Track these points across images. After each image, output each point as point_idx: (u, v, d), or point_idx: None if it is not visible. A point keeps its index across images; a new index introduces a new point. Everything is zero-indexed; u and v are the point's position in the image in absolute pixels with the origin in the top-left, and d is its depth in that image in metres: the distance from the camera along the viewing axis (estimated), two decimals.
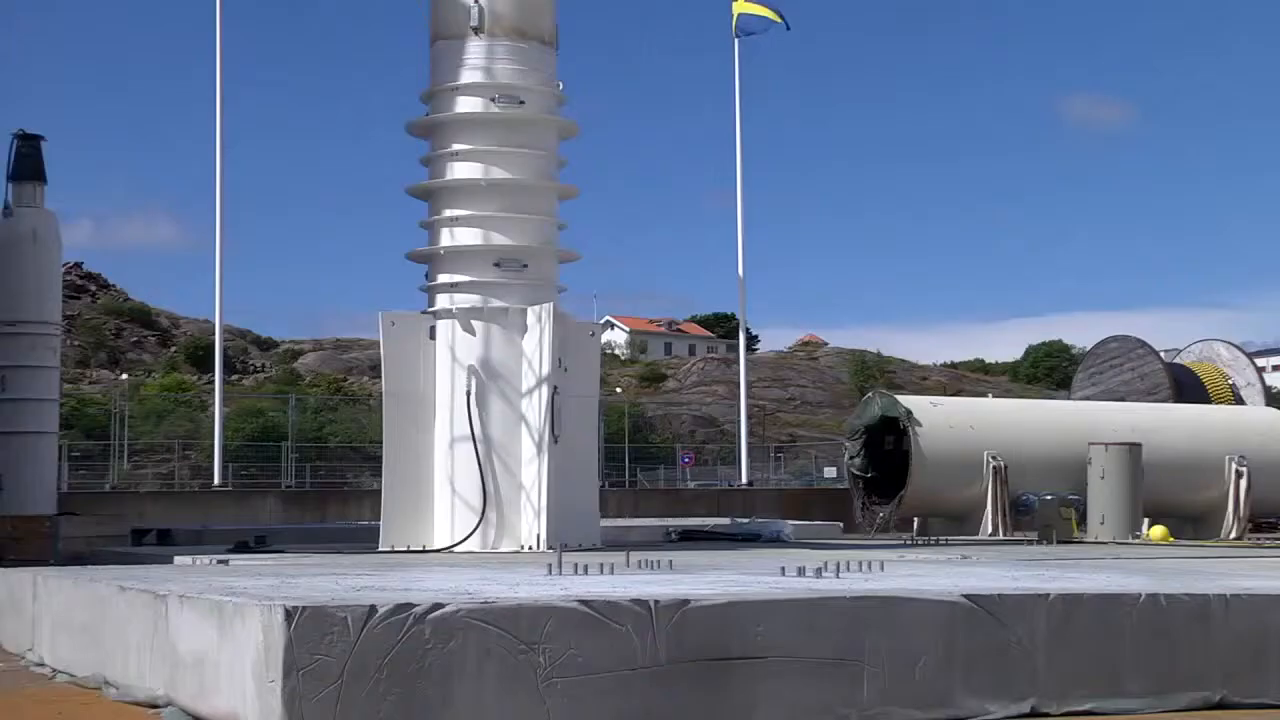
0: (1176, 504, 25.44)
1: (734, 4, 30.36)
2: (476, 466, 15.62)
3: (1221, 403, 30.79)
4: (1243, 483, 26.07)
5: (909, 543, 19.06)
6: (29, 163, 18.10)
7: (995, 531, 23.92)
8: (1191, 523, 25.93)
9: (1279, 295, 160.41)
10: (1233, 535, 25.56)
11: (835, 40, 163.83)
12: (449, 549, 15.44)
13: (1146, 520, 22.45)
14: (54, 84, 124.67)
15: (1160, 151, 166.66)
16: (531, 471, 15.60)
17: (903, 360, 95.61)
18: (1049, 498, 21.64)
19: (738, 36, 30.41)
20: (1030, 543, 19.68)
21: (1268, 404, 31.04)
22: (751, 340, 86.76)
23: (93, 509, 21.48)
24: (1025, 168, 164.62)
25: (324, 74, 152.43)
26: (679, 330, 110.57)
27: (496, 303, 15.96)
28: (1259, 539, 24.45)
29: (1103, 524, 21.65)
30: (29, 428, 17.96)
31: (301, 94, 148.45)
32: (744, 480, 31.57)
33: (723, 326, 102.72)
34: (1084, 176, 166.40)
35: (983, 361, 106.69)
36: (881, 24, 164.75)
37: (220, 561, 12.51)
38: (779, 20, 30.24)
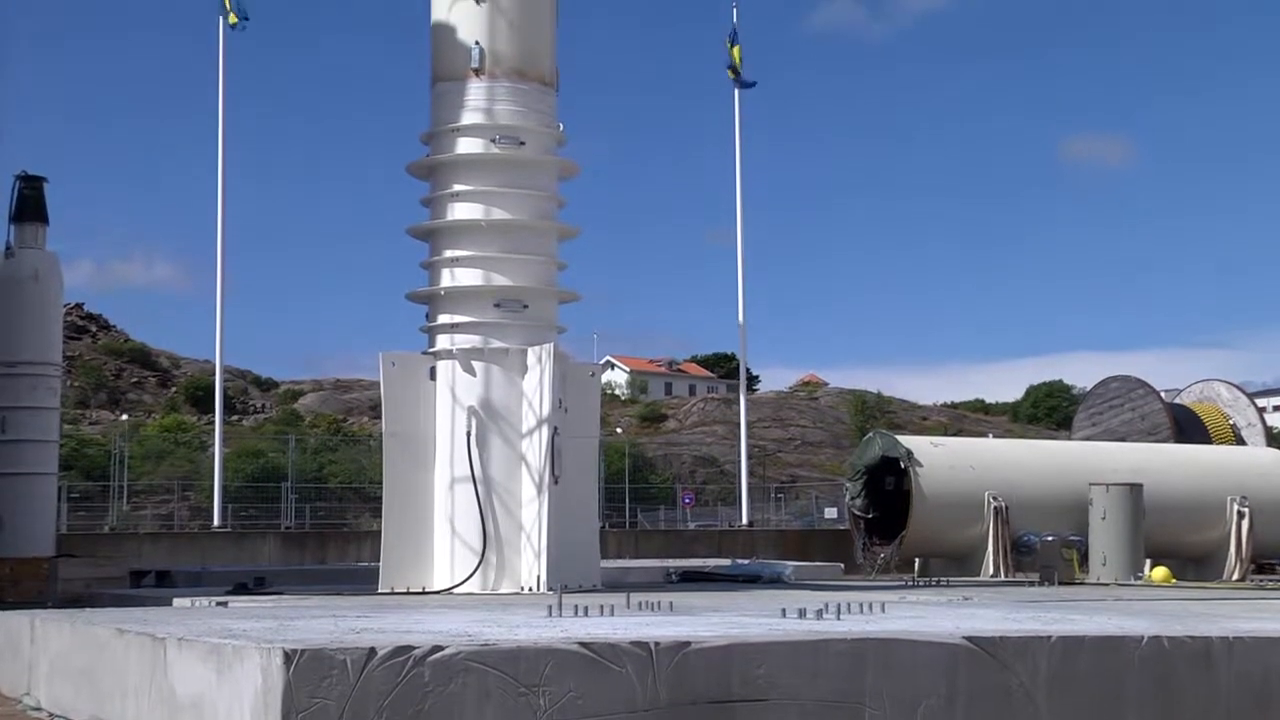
0: (1178, 545, 25.38)
1: (733, 50, 30.54)
2: (476, 507, 15.59)
3: (1222, 443, 30.75)
4: (1244, 523, 26.01)
5: (910, 584, 19.01)
6: (31, 204, 18.15)
7: (997, 572, 23.85)
8: (1194, 564, 25.86)
9: (1279, 335, 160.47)
10: (1235, 576, 25.48)
11: (835, 81, 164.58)
12: (449, 590, 15.39)
13: (1148, 561, 22.39)
14: (56, 125, 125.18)
15: (1160, 191, 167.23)
16: (531, 512, 15.57)
17: (903, 400, 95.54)
18: (1050, 538, 21.59)
19: (740, 87, 30.54)
20: (1032, 584, 19.62)
21: (1269, 444, 31.00)
22: (752, 380, 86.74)
23: (92, 550, 21.42)
24: (1025, 207, 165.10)
25: (325, 114, 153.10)
26: (679, 370, 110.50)
27: (497, 343, 15.97)
28: (1261, 580, 24.37)
29: (1104, 565, 21.59)
30: (29, 469, 17.93)
31: (302, 134, 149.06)
32: (745, 521, 31.51)
33: (723, 366, 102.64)
34: (1084, 216, 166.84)
35: (983, 402, 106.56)
36: (881, 64, 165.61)
37: (219, 603, 12.46)
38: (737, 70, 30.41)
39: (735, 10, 30.87)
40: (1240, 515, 26.04)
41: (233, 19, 26.83)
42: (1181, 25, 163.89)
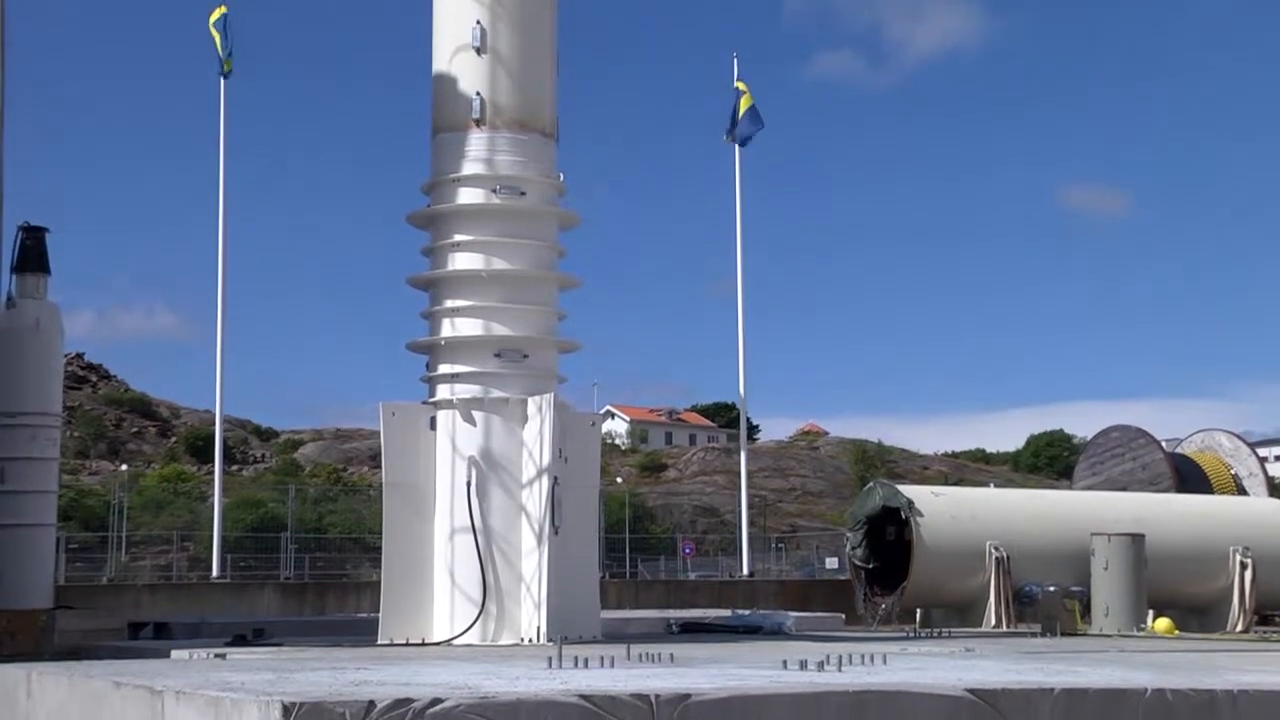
0: (1181, 596, 25.27)
1: (740, 100, 30.66)
2: (476, 558, 15.55)
3: (1224, 493, 30.68)
4: (1248, 574, 25.91)
5: (912, 635, 18.91)
6: (33, 255, 18.17)
7: (999, 623, 23.74)
8: (1196, 615, 25.73)
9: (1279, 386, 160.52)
10: (1239, 628, 25.35)
11: (834, 130, 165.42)
12: (448, 642, 15.32)
13: (1151, 612, 22.29)
14: (57, 174, 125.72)
15: (1159, 241, 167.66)
16: (531, 563, 15.52)
17: (903, 450, 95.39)
18: (1052, 589, 21.51)
19: (739, 143, 30.68)
20: (1034, 635, 19.53)
21: (1271, 494, 30.92)
22: (752, 430, 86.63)
23: (89, 602, 21.32)
24: (1025, 256, 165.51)
25: (326, 163, 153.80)
26: (679, 420, 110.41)
27: (497, 393, 15.98)
28: (1265, 632, 24.25)
29: (1107, 616, 21.49)
30: (27, 520, 17.84)
31: (303, 183, 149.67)
32: (745, 571, 31.38)
33: (723, 416, 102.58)
34: (1083, 265, 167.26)
35: (984, 451, 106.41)
36: (880, 114, 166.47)
37: (217, 655, 12.39)
38: (748, 112, 30.50)
39: (735, 60, 31.05)
40: (1243, 566, 25.94)
41: (226, 66, 26.91)
42: (1180, 77, 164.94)
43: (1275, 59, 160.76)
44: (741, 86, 30.56)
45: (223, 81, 27.20)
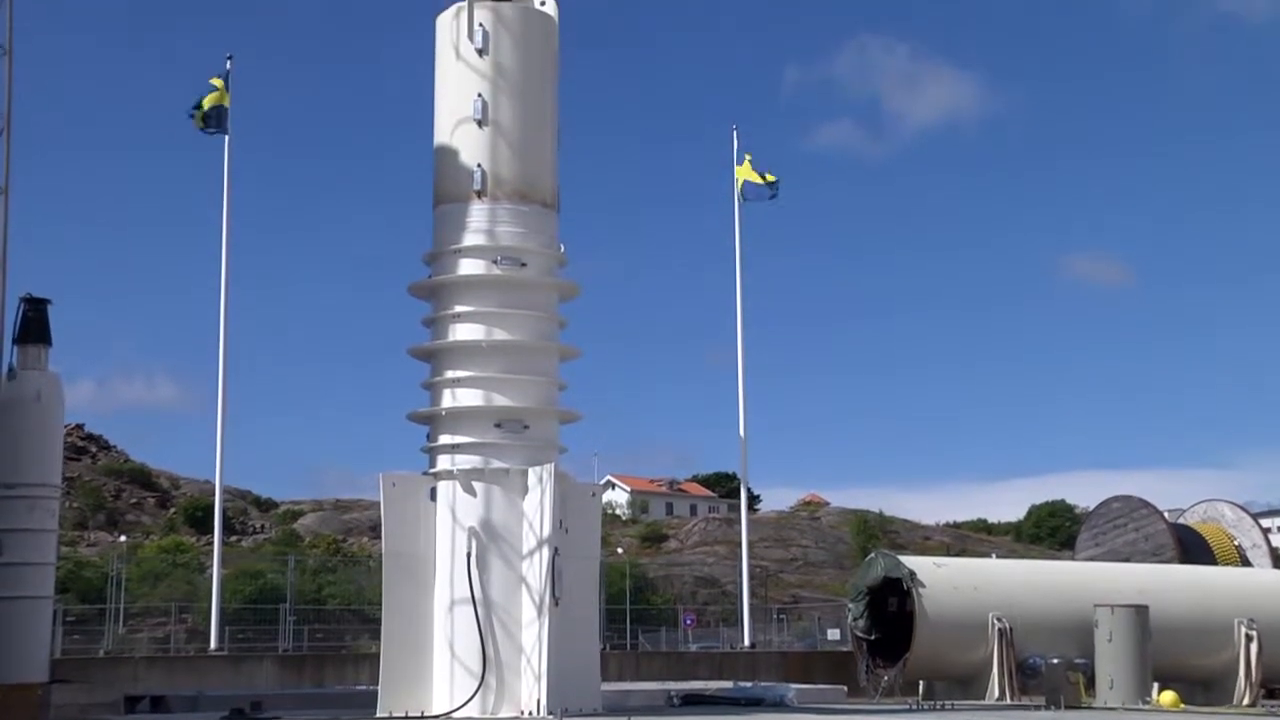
0: (1186, 668, 25.06)
1: (736, 169, 30.88)
2: (476, 629, 15.47)
3: (1227, 564, 30.54)
4: (1253, 646, 25.70)
5: (914, 707, 18.77)
6: (35, 326, 18.22)
7: (1002, 695, 23.53)
8: (1202, 687, 25.51)
9: None
10: (1245, 701, 25.12)
11: (836, 199, 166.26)
12: (448, 714, 15.22)
13: (1156, 685, 22.09)
14: (58, 243, 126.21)
15: (1159, 311, 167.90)
16: (532, 634, 15.44)
17: (905, 520, 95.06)
18: (1056, 661, 21.34)
19: (745, 199, 30.85)
20: (1038, 707, 19.37)
21: (1274, 566, 30.78)
22: (753, 500, 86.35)
23: (86, 675, 21.15)
24: (1025, 326, 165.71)
25: (327, 234, 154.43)
26: (680, 490, 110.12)
27: (497, 464, 15.96)
28: (1272, 706, 24.03)
29: (1111, 688, 21.30)
30: (25, 592, 17.74)
31: (304, 254, 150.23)
32: (747, 642, 31.19)
33: (724, 486, 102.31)
34: (1083, 335, 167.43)
35: (985, 521, 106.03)
36: (880, 182, 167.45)
37: None
38: (771, 182, 30.74)
39: (735, 132, 31.28)
40: (1249, 638, 25.74)
41: (201, 110, 26.92)
42: (1178, 145, 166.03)
43: (1273, 131, 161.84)
44: (743, 172, 30.75)
45: (226, 149, 27.29)
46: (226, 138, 27.31)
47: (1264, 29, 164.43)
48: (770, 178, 30.84)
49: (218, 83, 27.17)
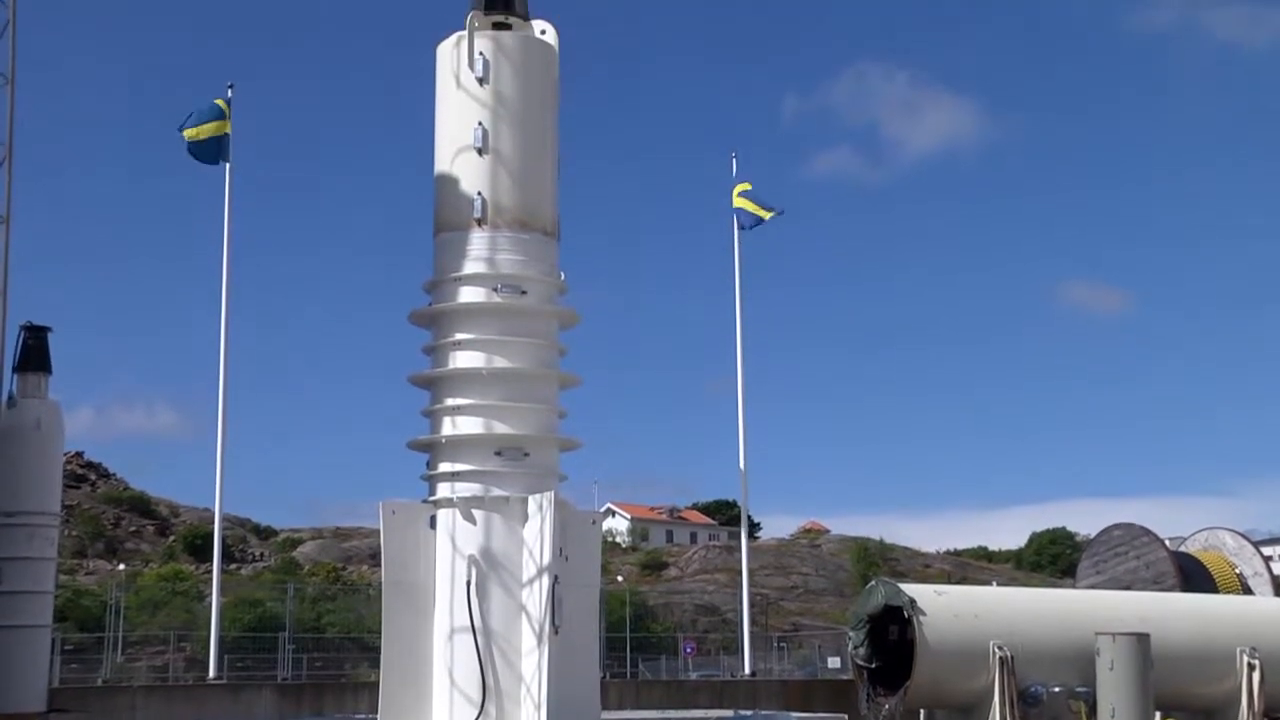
0: (1188, 696, 24.96)
1: (734, 194, 30.90)
2: (476, 658, 15.43)
3: (1229, 592, 30.44)
4: (1255, 675, 25.59)
5: None
6: (35, 354, 18.27)
7: None
8: (1204, 716, 25.41)
9: None
10: None
11: (835, 226, 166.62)
12: None
13: (1158, 714, 22.01)
14: (58, 270, 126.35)
15: (1158, 339, 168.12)
16: (531, 663, 15.39)
17: (905, 548, 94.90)
18: (1057, 690, 21.27)
19: (742, 228, 30.88)
20: None
21: (1276, 594, 30.69)
22: (753, 527, 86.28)
23: (84, 705, 21.09)
24: (1024, 353, 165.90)
25: (328, 261, 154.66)
26: (680, 518, 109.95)
27: (498, 491, 15.94)
28: None
29: (1113, 717, 21.22)
30: (23, 621, 17.74)
31: (304, 282, 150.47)
32: (747, 670, 31.08)
33: (724, 513, 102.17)
34: (1083, 362, 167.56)
35: (986, 549, 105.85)
36: (879, 208, 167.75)
37: None
38: (771, 215, 30.74)
39: (734, 160, 31.32)
40: (1251, 667, 25.63)
41: (211, 128, 26.83)
42: (1177, 172, 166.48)
43: (1273, 158, 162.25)
44: (743, 203, 30.76)
45: (227, 176, 27.31)
46: (227, 165, 27.34)
47: (1264, 57, 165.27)
48: (767, 214, 30.76)
49: (223, 105, 27.17)
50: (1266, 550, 36.63)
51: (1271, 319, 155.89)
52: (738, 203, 30.84)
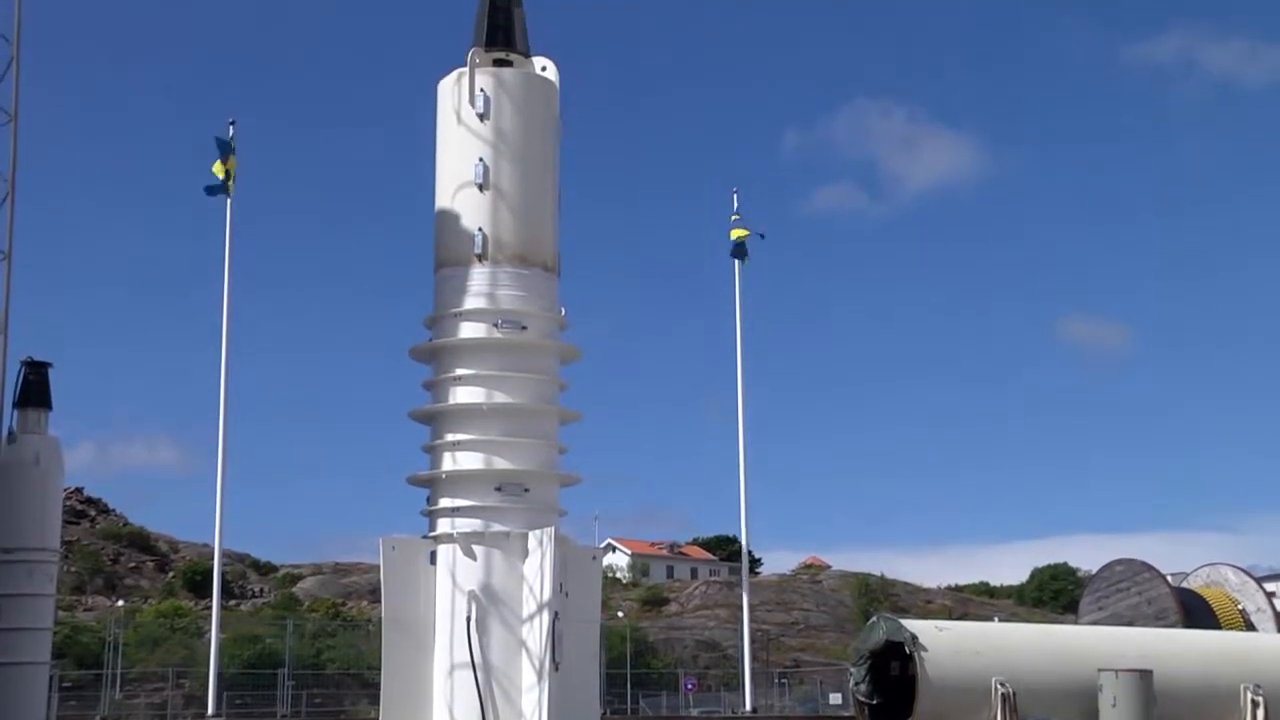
0: None
1: (732, 231, 31.00)
2: (476, 694, 15.36)
3: (1232, 629, 30.33)
4: (1259, 712, 25.47)
5: None
6: (35, 390, 18.26)
7: None
8: None
9: None
10: None
11: (835, 260, 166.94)
12: None
13: None
14: (58, 303, 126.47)
15: (1159, 375, 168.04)
16: (531, 699, 15.33)
17: (907, 583, 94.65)
18: None
19: (739, 259, 30.93)
20: None
21: (1279, 630, 30.57)
22: (754, 563, 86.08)
23: None
24: (1025, 388, 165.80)
25: (328, 296, 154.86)
26: (681, 553, 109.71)
27: (498, 527, 15.91)
28: None
29: None
30: (20, 658, 17.64)
31: (305, 316, 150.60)
32: (748, 707, 30.99)
33: (725, 549, 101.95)
34: (1084, 397, 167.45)
35: (987, 584, 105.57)
36: (879, 243, 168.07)
37: None
38: (742, 238, 30.81)
39: (735, 194, 31.41)
40: (1255, 704, 25.52)
41: (228, 185, 26.97)
42: (1176, 208, 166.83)
43: (1271, 195, 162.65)
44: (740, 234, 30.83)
45: (228, 212, 27.36)
46: (229, 200, 27.40)
47: (1259, 95, 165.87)
48: (744, 232, 30.81)
49: (230, 138, 27.27)
50: (1269, 586, 36.51)
51: (1272, 354, 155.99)
52: (735, 235, 30.93)
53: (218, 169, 27.08)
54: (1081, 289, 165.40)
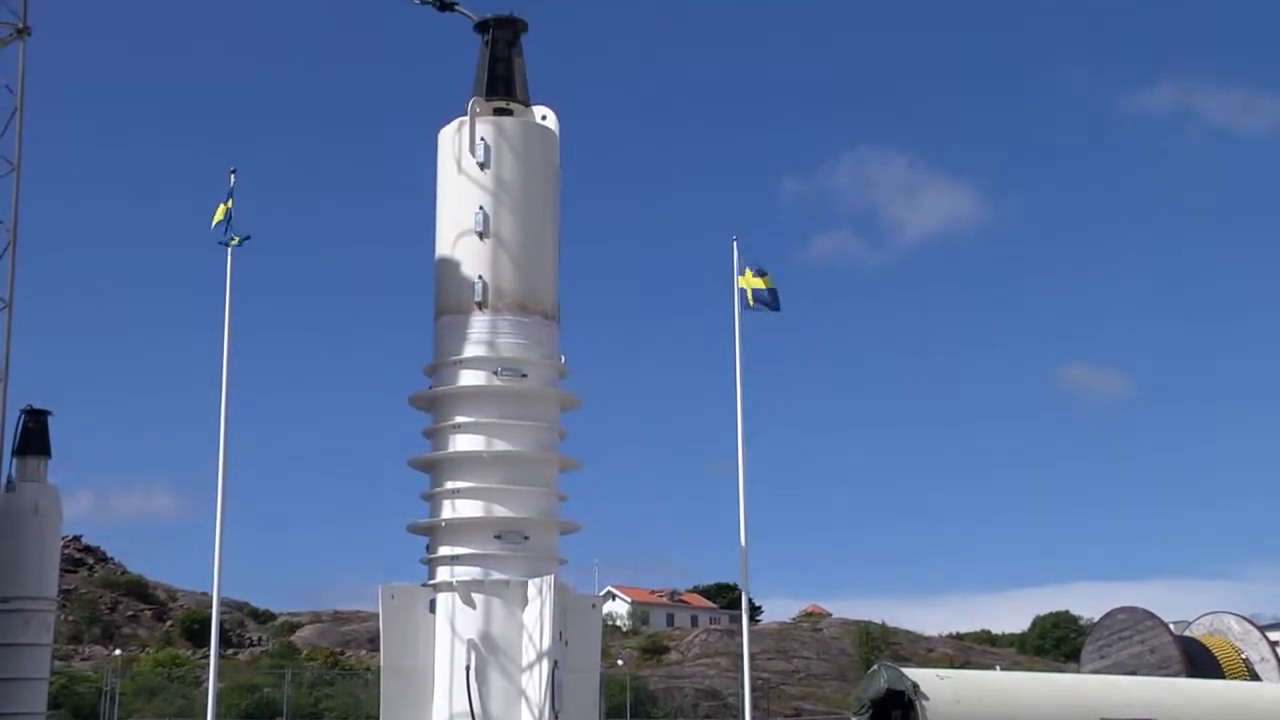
0: None
1: (738, 279, 30.95)
2: None
3: (1235, 678, 30.16)
4: None
5: None
6: (35, 438, 18.30)
7: None
8: None
9: None
10: None
11: (835, 308, 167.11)
12: None
13: None
14: (58, 351, 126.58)
15: (1159, 423, 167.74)
16: None
17: (908, 631, 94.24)
18: None
19: (755, 308, 30.83)
20: None
21: None
22: (754, 611, 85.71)
23: None
24: (1026, 436, 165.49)
25: (328, 345, 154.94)
26: (681, 601, 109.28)
27: (497, 575, 15.86)
28: None
29: None
30: (16, 709, 17.59)
31: (304, 365, 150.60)
32: None
33: (725, 597, 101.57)
34: (1085, 445, 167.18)
35: (989, 632, 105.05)
36: (879, 291, 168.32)
37: None
38: (769, 288, 30.72)
39: (735, 243, 31.39)
40: None
41: (234, 240, 27.09)
42: (1175, 256, 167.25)
43: (1269, 241, 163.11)
44: (745, 282, 30.78)
45: (229, 260, 27.39)
46: (229, 248, 27.44)
47: (1258, 143, 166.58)
48: (766, 282, 30.77)
49: (230, 186, 27.36)
50: (1273, 635, 36.33)
51: (1273, 401, 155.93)
52: (744, 284, 30.84)
53: (218, 214, 27.14)
54: (1081, 337, 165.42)
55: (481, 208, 16.64)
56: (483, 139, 16.86)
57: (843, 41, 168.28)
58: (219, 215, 27.19)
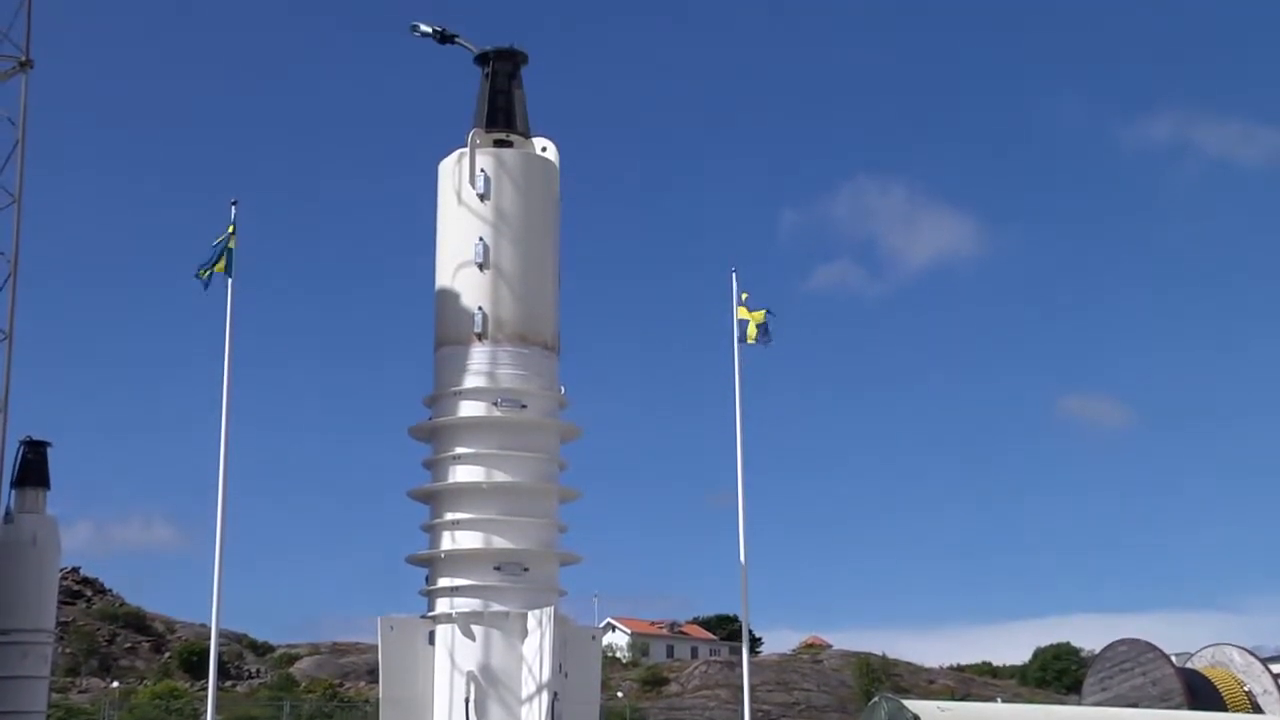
0: None
1: (736, 311, 30.96)
2: None
3: (1238, 711, 30.04)
4: None
5: None
6: (33, 469, 18.26)
7: None
8: None
9: None
10: None
11: (835, 338, 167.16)
12: None
13: None
14: (57, 382, 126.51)
15: (1159, 453, 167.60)
16: None
17: (909, 663, 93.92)
18: None
19: (757, 342, 30.82)
20: None
21: None
22: (755, 643, 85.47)
23: None
24: (1026, 467, 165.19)
25: (327, 377, 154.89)
26: (681, 632, 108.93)
27: (497, 607, 15.81)
28: None
29: None
30: None
31: (303, 396, 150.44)
32: None
33: (725, 628, 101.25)
34: (1086, 476, 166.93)
35: (990, 664, 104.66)
36: (878, 321, 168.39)
37: None
38: (762, 323, 30.71)
39: (734, 275, 31.40)
40: None
41: (219, 267, 26.96)
42: (1174, 286, 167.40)
43: (1269, 272, 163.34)
44: (744, 314, 30.77)
45: (229, 291, 27.33)
46: (229, 280, 27.41)
47: (1256, 174, 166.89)
48: (759, 316, 30.74)
49: (231, 218, 27.33)
50: (1275, 667, 36.19)
51: (1273, 432, 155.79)
52: (742, 316, 30.85)
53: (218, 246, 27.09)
54: (1081, 367, 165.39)
55: (481, 239, 16.66)
56: (483, 170, 16.90)
57: (841, 71, 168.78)
58: (220, 267, 27.10)
